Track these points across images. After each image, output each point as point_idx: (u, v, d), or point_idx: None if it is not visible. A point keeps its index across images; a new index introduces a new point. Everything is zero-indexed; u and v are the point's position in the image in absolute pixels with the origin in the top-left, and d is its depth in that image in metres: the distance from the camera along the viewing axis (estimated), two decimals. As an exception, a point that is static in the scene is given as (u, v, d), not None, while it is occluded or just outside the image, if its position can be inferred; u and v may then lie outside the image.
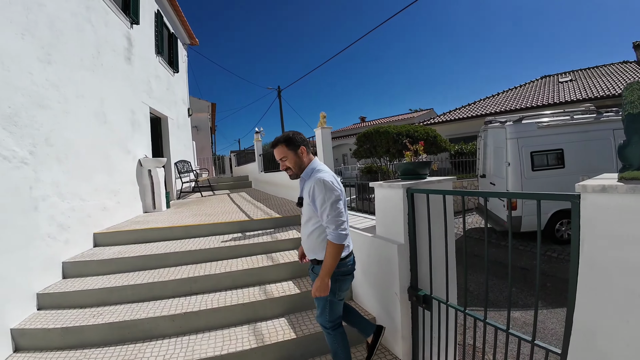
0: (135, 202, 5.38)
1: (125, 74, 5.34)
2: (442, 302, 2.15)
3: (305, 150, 2.01)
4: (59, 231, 3.27)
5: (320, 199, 1.84)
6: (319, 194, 1.84)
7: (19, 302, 2.66)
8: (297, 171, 2.00)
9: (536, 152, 5.94)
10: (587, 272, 1.29)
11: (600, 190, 1.24)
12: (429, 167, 2.71)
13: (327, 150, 4.78)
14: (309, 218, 2.00)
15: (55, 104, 3.38)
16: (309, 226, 2.01)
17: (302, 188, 2.04)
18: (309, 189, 1.89)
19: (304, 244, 2.11)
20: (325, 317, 2.04)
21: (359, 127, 26.87)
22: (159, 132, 7.44)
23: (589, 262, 1.28)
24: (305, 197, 1.96)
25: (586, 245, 1.29)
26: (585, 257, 1.30)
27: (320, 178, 1.86)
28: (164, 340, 2.52)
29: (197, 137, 14.95)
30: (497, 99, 16.72)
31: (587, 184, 1.29)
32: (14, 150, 2.77)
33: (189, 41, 9.76)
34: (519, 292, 4.48)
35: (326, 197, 1.82)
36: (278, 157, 2.01)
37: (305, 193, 1.97)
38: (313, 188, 1.86)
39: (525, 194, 1.67)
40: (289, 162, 1.98)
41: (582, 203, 1.30)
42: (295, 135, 2.00)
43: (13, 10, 2.84)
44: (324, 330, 2.13)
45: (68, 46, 3.72)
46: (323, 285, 1.87)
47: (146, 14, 6.46)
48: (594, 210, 1.27)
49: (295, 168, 1.99)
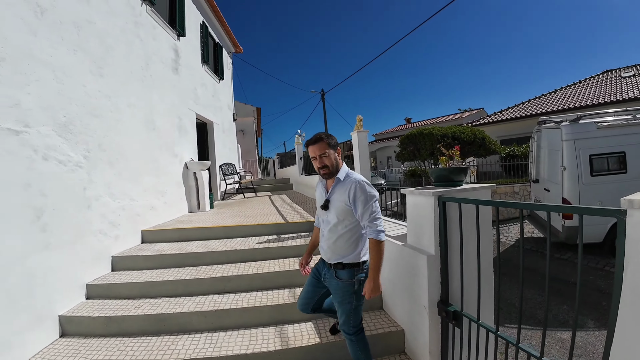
0: (181, 202, 5.75)
1: (173, 83, 5.74)
2: (473, 320, 2.00)
3: (340, 152, 2.07)
4: (110, 228, 3.60)
5: (363, 199, 1.88)
6: (361, 195, 1.88)
7: (69, 291, 2.97)
8: (333, 170, 2.00)
9: (595, 156, 5.35)
10: (630, 300, 1.13)
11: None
12: (466, 174, 2.55)
13: (363, 154, 4.74)
14: (341, 220, 1.98)
15: (107, 112, 3.74)
16: (338, 229, 1.99)
17: (332, 191, 2.02)
18: (349, 191, 1.91)
19: (329, 247, 2.05)
20: (350, 323, 2.02)
21: (404, 129, 26.24)
22: (205, 136, 7.88)
23: (634, 288, 1.12)
24: (342, 198, 1.94)
25: (631, 269, 1.13)
26: (629, 283, 1.14)
27: (361, 180, 1.92)
28: (195, 335, 2.66)
29: (242, 141, 15.61)
30: (554, 97, 15.30)
31: (635, 198, 1.13)
32: (69, 155, 3.11)
33: (234, 49, 10.23)
34: (570, 310, 4.06)
35: (368, 198, 1.89)
36: (318, 153, 1.98)
37: (341, 195, 1.96)
38: (355, 189, 1.90)
39: (566, 207, 1.51)
40: (327, 160, 1.98)
41: (629, 220, 1.14)
42: (332, 136, 2.04)
43: (64, 28, 3.17)
44: (347, 338, 2.09)
45: (118, 59, 4.09)
46: (376, 285, 1.88)
47: (192, 26, 6.89)
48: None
49: (332, 167, 2.00)
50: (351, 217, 1.95)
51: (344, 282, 1.99)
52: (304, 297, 2.29)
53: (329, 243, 2.04)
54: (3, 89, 2.45)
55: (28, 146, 2.64)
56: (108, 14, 3.92)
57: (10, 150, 2.48)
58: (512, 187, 9.55)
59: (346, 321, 2.02)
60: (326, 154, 1.97)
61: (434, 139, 9.63)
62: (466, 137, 9.46)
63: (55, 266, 2.82)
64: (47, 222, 2.76)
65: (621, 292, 1.16)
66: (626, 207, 1.15)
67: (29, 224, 2.60)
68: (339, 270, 2.00)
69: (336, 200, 1.97)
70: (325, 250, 2.10)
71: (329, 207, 2.02)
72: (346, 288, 1.99)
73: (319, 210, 2.13)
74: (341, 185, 1.97)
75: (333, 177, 2.02)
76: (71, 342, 2.63)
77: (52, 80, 2.95)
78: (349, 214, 1.94)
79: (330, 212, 2.02)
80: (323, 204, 2.05)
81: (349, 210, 1.93)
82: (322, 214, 2.11)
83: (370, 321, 2.77)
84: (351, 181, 1.93)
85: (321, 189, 2.14)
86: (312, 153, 2.01)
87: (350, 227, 1.96)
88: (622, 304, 1.16)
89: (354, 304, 1.98)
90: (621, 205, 1.19)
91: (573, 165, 5.41)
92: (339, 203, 1.96)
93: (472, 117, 21.25)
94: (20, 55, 2.62)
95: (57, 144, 2.96)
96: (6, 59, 2.48)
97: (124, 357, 2.38)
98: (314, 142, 2.00)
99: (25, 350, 2.43)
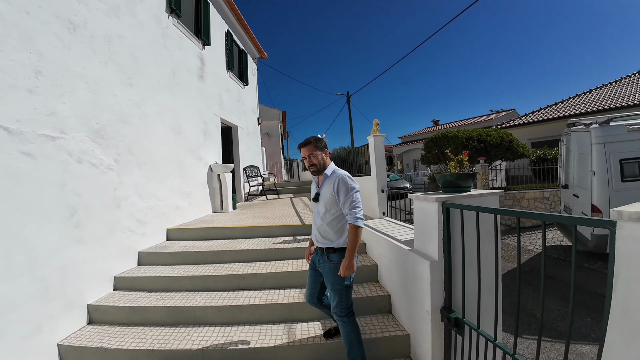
0: (205, 203, 6.03)
1: (198, 90, 6.04)
2: (473, 328, 2.00)
3: (327, 153, 2.37)
4: (138, 225, 3.88)
5: (344, 190, 2.19)
6: (343, 186, 2.19)
7: (98, 282, 3.25)
8: (320, 168, 2.32)
9: (626, 160, 5.01)
10: (620, 318, 1.09)
11: (638, 219, 1.04)
12: (474, 180, 2.53)
13: (379, 158, 4.76)
14: (328, 209, 2.27)
15: (137, 119, 4.04)
16: (327, 217, 2.27)
17: (321, 185, 2.32)
18: (334, 184, 2.22)
19: (320, 234, 2.33)
20: (342, 305, 2.24)
21: (431, 131, 25.69)
22: (229, 139, 8.18)
23: (623, 306, 1.07)
24: (329, 190, 2.25)
25: (620, 285, 1.09)
26: (618, 299, 1.09)
27: (344, 174, 2.25)
28: (209, 327, 2.83)
29: (268, 143, 15.96)
30: (588, 97, 14.36)
31: (625, 210, 1.09)
32: (101, 158, 3.40)
33: (258, 55, 10.54)
34: (594, 323, 3.87)
35: (349, 189, 2.19)
36: (307, 154, 2.30)
37: (328, 188, 2.27)
38: (338, 182, 2.21)
39: (562, 216, 1.50)
40: (315, 160, 2.30)
41: (618, 232, 1.10)
42: (321, 140, 2.37)
43: (96, 43, 3.47)
44: (340, 320, 2.27)
45: (147, 70, 4.39)
46: (350, 265, 2.14)
47: (217, 35, 7.20)
48: (631, 243, 1.06)
49: (319, 165, 2.31)
50: (336, 206, 2.25)
51: (335, 264, 2.23)
52: (308, 288, 2.51)
53: (320, 230, 2.32)
54: (41, 99, 2.74)
55: (64, 150, 2.93)
56: (137, 28, 4.22)
57: (47, 154, 2.77)
58: (541, 193, 9.13)
59: (338, 303, 2.24)
60: (314, 155, 2.29)
61: (458, 142, 9.44)
62: (492, 139, 9.17)
63: (87, 259, 3.10)
64: (80, 219, 3.05)
65: (610, 307, 1.12)
66: (615, 219, 1.12)
67: (64, 221, 2.89)
68: (330, 254, 2.26)
69: (324, 192, 2.28)
70: (317, 237, 2.35)
71: (319, 199, 2.32)
72: (337, 269, 2.22)
73: (313, 203, 2.42)
74: (328, 180, 2.28)
75: (321, 174, 2.34)
76: (97, 329, 2.89)
77: (86, 90, 3.24)
78: (334, 204, 2.24)
79: (319, 203, 2.32)
80: (314, 196, 2.37)
81: (334, 200, 2.23)
82: (313, 206, 2.42)
83: (378, 324, 2.81)
84: (336, 176, 2.25)
85: (314, 186, 2.45)
86: (303, 154, 2.33)
87: (336, 215, 2.26)
88: (611, 320, 1.12)
89: (344, 285, 2.22)
90: (610, 216, 1.15)
91: (603, 170, 5.12)
92: (326, 194, 2.26)
93: (502, 119, 20.46)
94: (56, 68, 2.91)
95: (90, 148, 3.25)
96: (43, 72, 2.77)
97: (143, 344, 2.59)
98: (304, 145, 2.33)
99: (55, 334, 2.69)
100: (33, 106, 2.65)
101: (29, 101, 2.62)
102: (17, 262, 2.44)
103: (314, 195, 2.39)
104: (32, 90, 2.65)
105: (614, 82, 15.06)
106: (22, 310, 2.44)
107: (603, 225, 1.21)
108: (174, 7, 5.16)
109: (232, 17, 8.19)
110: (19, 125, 2.53)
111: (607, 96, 13.43)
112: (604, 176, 5.12)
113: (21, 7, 2.60)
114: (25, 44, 2.61)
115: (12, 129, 2.47)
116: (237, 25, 8.62)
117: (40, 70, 2.73)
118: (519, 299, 1.63)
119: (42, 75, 2.75)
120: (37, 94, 2.69)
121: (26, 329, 2.45)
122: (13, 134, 2.47)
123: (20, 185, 2.51)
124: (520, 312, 2.42)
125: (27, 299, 2.49)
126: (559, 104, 15.12)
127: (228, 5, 7.68)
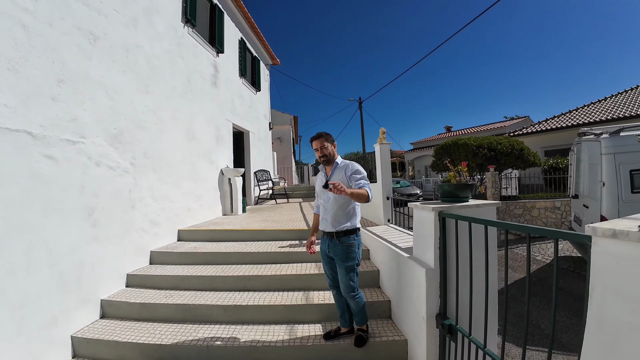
0: (215, 205, 6.21)
1: (212, 96, 6.25)
2: (465, 335, 2.07)
3: (335, 146, 2.68)
4: (151, 226, 4.07)
5: (355, 170, 2.52)
6: (355, 169, 2.53)
7: (111, 279, 3.43)
8: (331, 158, 2.61)
9: (637, 171, 4.95)
10: (595, 330, 1.13)
11: (610, 236, 1.07)
12: (472, 190, 2.60)
13: (385, 165, 4.84)
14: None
15: (152, 125, 4.24)
16: (338, 201, 2.53)
17: (331, 173, 2.61)
18: (345, 169, 2.55)
19: (332, 218, 2.55)
20: (354, 282, 2.54)
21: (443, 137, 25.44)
22: (241, 144, 8.39)
23: (598, 318, 1.11)
24: (341, 174, 2.55)
25: (595, 298, 1.13)
26: (593, 311, 1.13)
27: (353, 162, 2.61)
28: (215, 325, 2.96)
29: (279, 148, 16.18)
30: (603, 105, 14.03)
31: (599, 226, 1.13)
32: (118, 162, 3.60)
33: (271, 62, 10.76)
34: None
35: (360, 171, 2.53)
36: (319, 145, 2.59)
37: (339, 174, 2.56)
38: (350, 166, 2.55)
39: (545, 229, 1.56)
40: (326, 150, 2.59)
41: (593, 248, 1.14)
42: (330, 134, 2.66)
43: (115, 52, 3.66)
44: (352, 298, 2.56)
45: (162, 78, 4.60)
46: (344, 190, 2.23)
47: (230, 43, 7.42)
48: (605, 258, 1.10)
49: (330, 155, 2.61)
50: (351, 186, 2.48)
51: (346, 245, 2.51)
52: (328, 276, 2.73)
53: (332, 214, 2.56)
54: (63, 105, 2.93)
55: (83, 154, 3.13)
56: (153, 38, 4.44)
57: (68, 157, 2.96)
58: (552, 202, 9.00)
59: (349, 281, 2.52)
60: (325, 147, 2.59)
61: (469, 149, 9.40)
62: (503, 147, 9.10)
63: (102, 257, 3.29)
64: (97, 218, 3.24)
65: (586, 319, 1.15)
66: (591, 234, 1.15)
67: (82, 220, 3.08)
68: (341, 237, 2.52)
69: (336, 178, 2.54)
70: (328, 223, 2.57)
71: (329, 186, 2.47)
72: (349, 249, 2.51)
73: (320, 191, 2.67)
74: (339, 168, 2.60)
75: (330, 164, 2.63)
76: (109, 323, 3.06)
77: (105, 97, 3.45)
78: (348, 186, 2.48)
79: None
80: (324, 184, 2.56)
81: (345, 182, 2.49)
82: (322, 193, 2.65)
83: (377, 329, 2.88)
84: (346, 163, 2.61)
85: (322, 176, 2.71)
86: (315, 146, 2.61)
87: (347, 199, 2.49)
88: (587, 332, 1.16)
89: (355, 264, 2.53)
90: (586, 231, 1.18)
91: (612, 180, 5.06)
92: (338, 179, 2.52)
93: (516, 126, 20.15)
94: (77, 77, 3.11)
95: (108, 152, 3.45)
96: (65, 80, 2.97)
97: (152, 339, 2.74)
98: (316, 138, 2.61)
99: (69, 326, 2.86)
100: (55, 112, 2.85)
101: (51, 108, 2.81)
102: (38, 257, 2.61)
103: (323, 184, 2.60)
104: (55, 98, 2.85)
105: (630, 89, 14.73)
106: (40, 302, 2.61)
107: (581, 240, 1.25)
108: (190, 17, 5.39)
109: (245, 25, 8.42)
110: (43, 130, 2.72)
111: (622, 104, 13.14)
112: (613, 187, 5.06)
113: (45, 19, 2.79)
114: (48, 54, 2.80)
115: (36, 133, 2.66)
116: (251, 33, 8.86)
117: (62, 79, 2.93)
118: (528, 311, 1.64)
119: (64, 84, 2.95)
120: (59, 101, 2.89)
121: (43, 320, 2.62)
122: (37, 138, 2.66)
123: (42, 186, 2.69)
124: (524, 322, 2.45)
125: (45, 292, 2.66)
126: (573, 111, 14.86)
127: (242, 14, 7.91)
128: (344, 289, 2.54)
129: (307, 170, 20.19)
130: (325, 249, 2.64)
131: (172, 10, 4.99)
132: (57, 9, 2.91)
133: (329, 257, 2.64)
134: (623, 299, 1.01)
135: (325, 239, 2.63)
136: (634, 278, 0.98)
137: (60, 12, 2.94)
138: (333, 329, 2.79)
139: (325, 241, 2.63)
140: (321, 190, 2.65)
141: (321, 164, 2.70)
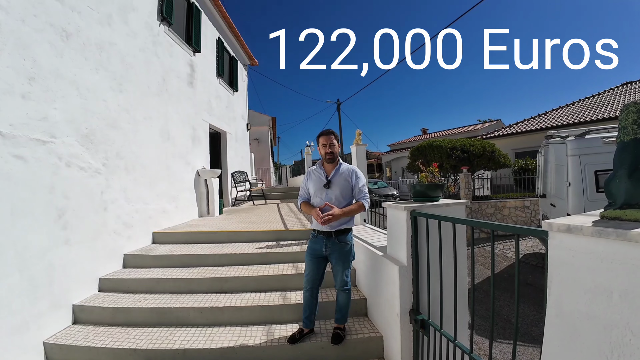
0: (192, 207, 6.11)
1: (188, 96, 6.15)
2: (436, 329, 2.15)
3: (340, 145, 2.61)
4: (124, 228, 3.96)
5: (360, 178, 2.69)
6: (358, 176, 2.69)
7: (83, 283, 3.32)
8: (336, 156, 2.71)
9: (601, 172, 5.21)
10: (554, 320, 1.17)
11: (565, 230, 1.14)
12: (442, 190, 2.70)
13: (361, 166, 4.91)
14: (343, 195, 2.65)
15: (126, 124, 4.14)
16: (341, 201, 2.63)
17: (334, 173, 2.68)
18: (350, 173, 2.68)
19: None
20: (348, 277, 2.65)
21: (419, 139, 26.08)
22: (218, 145, 8.28)
23: (557, 309, 1.16)
24: (345, 177, 2.66)
25: (554, 290, 1.17)
26: (552, 302, 1.18)
27: (355, 167, 2.78)
28: (191, 328, 2.92)
29: (257, 149, 16.05)
30: (571, 109, 14.89)
31: (554, 222, 1.19)
32: (90, 162, 3.49)
33: (249, 62, 10.70)
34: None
35: (362, 178, 2.72)
36: (328, 142, 2.67)
37: (343, 175, 2.67)
38: (355, 172, 2.70)
39: (506, 226, 1.64)
40: (334, 148, 2.68)
41: (550, 242, 1.20)
42: (337, 134, 2.78)
43: (88, 50, 3.56)
44: (345, 292, 2.67)
45: (137, 76, 4.49)
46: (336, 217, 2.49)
47: (208, 42, 7.33)
48: (561, 251, 1.15)
49: (336, 154, 2.70)
50: (349, 191, 2.67)
51: (345, 243, 2.62)
52: (311, 274, 2.69)
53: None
54: (33, 104, 2.83)
55: (54, 154, 3.02)
56: (128, 36, 4.33)
57: (38, 157, 2.86)
58: (522, 202, 9.44)
59: (345, 277, 2.63)
60: (333, 144, 2.68)
61: (443, 151, 9.71)
62: (475, 149, 9.47)
63: (73, 260, 3.17)
64: (67, 221, 3.13)
65: (546, 309, 1.20)
66: (547, 229, 1.21)
67: (52, 222, 2.96)
68: (340, 236, 2.60)
69: (339, 180, 2.65)
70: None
71: (331, 186, 2.65)
72: (347, 247, 2.63)
73: (319, 190, 2.68)
74: (342, 171, 2.69)
75: (333, 162, 2.69)
76: (82, 329, 2.96)
77: (76, 96, 3.34)
78: (348, 189, 2.66)
79: (332, 189, 2.65)
80: (325, 183, 2.66)
81: (349, 186, 2.65)
82: (321, 192, 2.68)
83: (354, 326, 2.93)
84: (350, 167, 2.73)
85: (320, 175, 2.73)
86: (324, 141, 2.68)
87: (348, 200, 2.66)
88: (547, 322, 1.20)
89: (351, 260, 2.69)
90: (542, 227, 1.25)
91: (578, 181, 5.34)
92: (343, 182, 2.64)
93: (488, 129, 20.95)
94: (48, 74, 3.01)
95: (79, 152, 3.34)
96: (36, 78, 2.87)
97: (127, 343, 2.68)
98: (326, 134, 2.70)
99: (42, 332, 2.76)
100: (25, 111, 2.75)
101: (22, 106, 2.71)
102: (7, 260, 2.51)
103: (324, 183, 2.68)
104: (25, 96, 2.75)
105: (597, 94, 15.64)
106: (11, 307, 2.50)
107: (539, 235, 1.33)
108: (166, 15, 5.29)
109: (223, 24, 8.33)
110: (12, 129, 2.62)
111: (590, 108, 13.93)
112: (579, 187, 5.33)
113: (18, 15, 2.69)
114: (20, 51, 2.71)
115: (5, 132, 2.56)
116: (229, 32, 8.77)
117: (33, 77, 2.83)
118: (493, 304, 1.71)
119: (35, 82, 2.84)
120: (30, 100, 2.78)
121: (14, 325, 2.52)
122: (6, 137, 2.56)
123: (11, 187, 2.59)
124: (496, 317, 2.56)
125: (15, 296, 2.56)
126: (542, 115, 15.64)
127: (220, 13, 7.83)
128: (340, 283, 2.64)
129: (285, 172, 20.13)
130: (320, 248, 2.62)
131: (147, 8, 4.89)
132: (31, 5, 2.83)
133: (321, 258, 2.65)
134: (579, 291, 1.07)
135: (321, 239, 2.62)
136: (588, 270, 1.04)
137: (34, 9, 2.85)
138: (296, 332, 2.76)
139: (321, 241, 2.62)
140: (320, 190, 2.67)
141: (324, 160, 2.74)
